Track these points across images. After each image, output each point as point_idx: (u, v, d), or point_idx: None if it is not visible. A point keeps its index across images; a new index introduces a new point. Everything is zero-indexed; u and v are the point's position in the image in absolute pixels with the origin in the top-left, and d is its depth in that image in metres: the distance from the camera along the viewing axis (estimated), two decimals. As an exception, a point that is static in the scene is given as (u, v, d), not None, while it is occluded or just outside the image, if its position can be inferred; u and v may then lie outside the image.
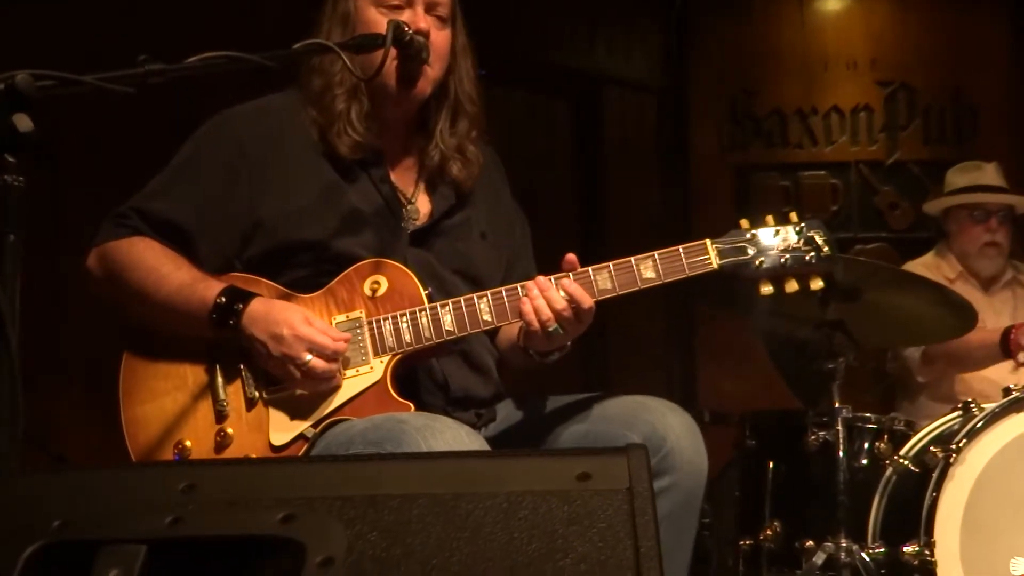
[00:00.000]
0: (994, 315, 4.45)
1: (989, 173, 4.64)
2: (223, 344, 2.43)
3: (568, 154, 6.21)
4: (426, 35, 2.47)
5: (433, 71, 2.54)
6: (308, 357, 2.34)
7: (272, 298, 2.44)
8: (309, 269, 2.49)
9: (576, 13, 5.98)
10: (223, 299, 2.38)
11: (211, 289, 2.40)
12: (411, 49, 2.42)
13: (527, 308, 2.36)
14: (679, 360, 6.10)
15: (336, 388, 2.39)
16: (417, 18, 2.50)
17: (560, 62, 6.03)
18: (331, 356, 2.36)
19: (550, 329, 2.35)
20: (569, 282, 2.38)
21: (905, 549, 3.21)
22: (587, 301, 2.36)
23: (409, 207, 2.60)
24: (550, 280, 2.39)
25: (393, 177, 2.60)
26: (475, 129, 2.65)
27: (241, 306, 2.38)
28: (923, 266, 4.54)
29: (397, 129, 2.62)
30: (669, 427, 2.34)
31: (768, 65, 6.26)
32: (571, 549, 1.36)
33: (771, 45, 6.28)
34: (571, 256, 2.41)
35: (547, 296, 2.36)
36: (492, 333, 2.67)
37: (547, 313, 2.35)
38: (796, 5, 6.26)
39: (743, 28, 6.29)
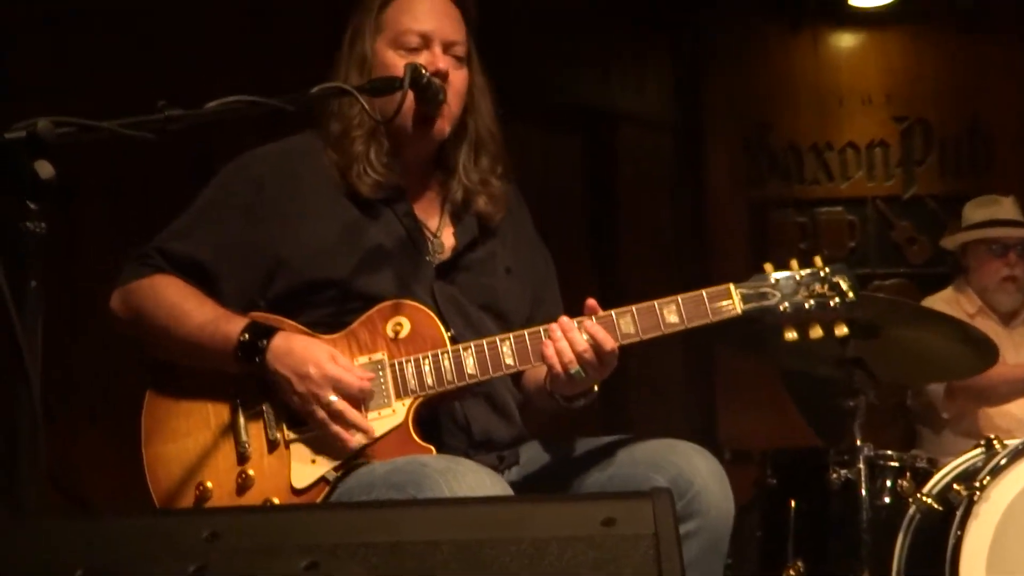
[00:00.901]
0: (1014, 350, 4.43)
1: (1007, 207, 4.63)
2: (246, 384, 2.44)
3: (582, 191, 6.20)
4: (444, 76, 2.48)
5: (452, 110, 2.55)
6: (333, 397, 2.34)
7: (295, 334, 2.44)
8: (333, 307, 2.49)
9: (589, 50, 6.00)
10: (246, 336, 2.40)
11: (234, 325, 2.41)
12: (429, 91, 2.43)
13: (549, 351, 2.35)
14: (698, 399, 6.07)
15: (358, 428, 2.38)
16: (435, 59, 2.51)
17: (574, 99, 6.04)
18: (356, 396, 2.36)
19: (572, 371, 2.34)
20: (592, 324, 2.37)
21: (930, 588, 3.18)
22: (609, 343, 2.35)
23: (434, 241, 2.61)
24: (573, 322, 2.38)
25: (417, 211, 2.61)
26: (499, 165, 2.66)
27: (265, 342, 2.39)
28: (942, 301, 4.52)
29: (418, 168, 2.63)
30: (696, 470, 2.33)
31: (783, 100, 6.26)
32: (598, 595, 1.35)
33: (785, 80, 6.28)
34: (592, 301, 2.40)
35: (569, 338, 2.35)
36: (516, 376, 2.65)
37: (569, 355, 2.34)
38: (810, 40, 6.26)
39: (757, 63, 6.30)
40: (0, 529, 1.51)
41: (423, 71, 2.39)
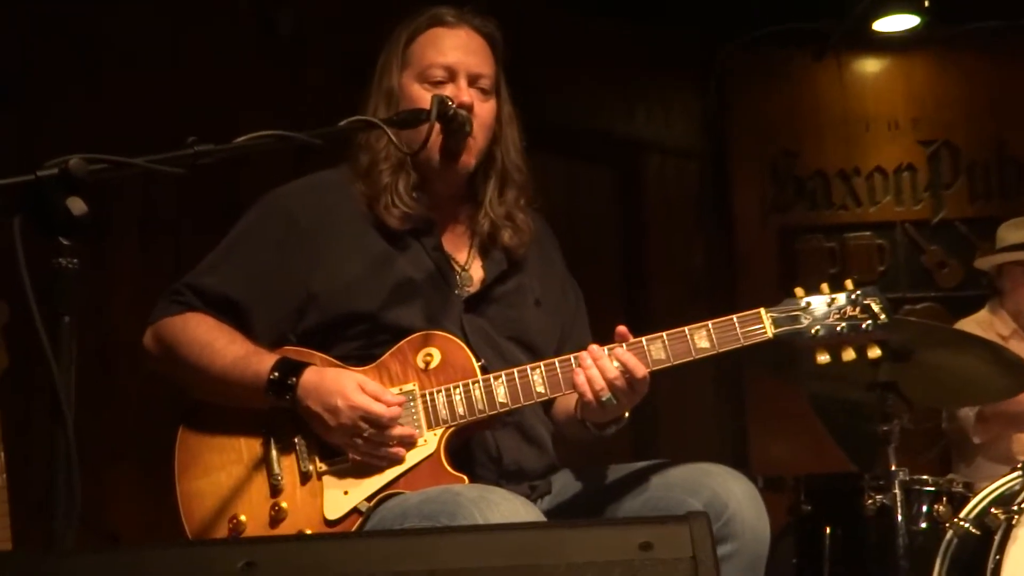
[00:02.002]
0: (1048, 372, 4.38)
1: (1042, 229, 4.60)
2: (277, 417, 2.44)
3: (610, 221, 6.21)
4: (469, 108, 2.50)
5: (478, 143, 2.56)
6: (365, 427, 2.34)
7: (324, 368, 2.44)
8: (363, 340, 2.49)
9: (615, 80, 6.02)
10: (276, 374, 2.40)
11: (264, 363, 2.42)
12: (455, 123, 2.44)
13: (580, 379, 2.35)
14: (730, 425, 6.04)
15: (395, 457, 2.38)
16: (460, 92, 2.52)
17: (600, 129, 6.06)
18: (387, 424, 2.36)
19: (603, 399, 2.34)
20: (622, 351, 2.36)
21: (969, 614, 3.14)
22: (640, 370, 2.35)
23: (463, 274, 2.61)
24: (603, 349, 2.38)
25: (445, 244, 2.61)
26: (523, 197, 2.66)
27: (295, 379, 2.39)
28: (976, 323, 4.49)
29: (446, 200, 2.64)
30: (731, 493, 2.31)
31: (809, 126, 6.27)
32: (635, 621, 1.34)
33: (811, 106, 6.29)
34: (622, 328, 2.40)
35: (600, 365, 2.34)
36: (547, 405, 2.66)
37: (600, 383, 2.34)
38: (835, 66, 6.27)
39: (782, 90, 6.31)
40: (37, 565, 1.52)
41: (449, 103, 2.40)
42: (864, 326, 2.41)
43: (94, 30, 4.48)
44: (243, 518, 2.40)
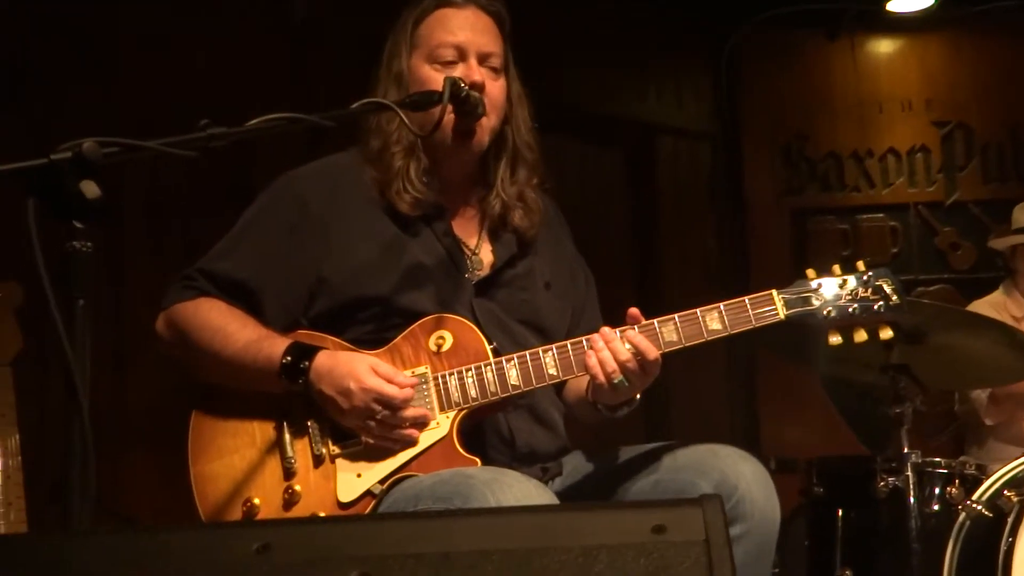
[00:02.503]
0: (1062, 354, 4.37)
1: (1058, 210, 4.59)
2: (290, 401, 2.45)
3: (622, 203, 6.20)
4: (481, 88, 2.50)
5: (490, 122, 2.56)
6: (379, 408, 2.35)
7: (337, 351, 2.45)
8: (374, 324, 2.50)
9: (627, 62, 6.00)
10: (289, 358, 2.41)
11: (277, 347, 2.42)
12: (468, 104, 2.44)
13: (592, 360, 2.35)
14: (741, 407, 6.04)
15: (409, 438, 2.39)
16: (471, 72, 2.52)
17: (612, 111, 6.04)
18: (399, 405, 2.37)
19: (615, 381, 2.34)
20: (634, 333, 2.37)
21: (982, 596, 3.14)
22: (652, 352, 2.35)
23: (473, 258, 2.62)
24: (615, 331, 2.38)
25: (455, 229, 2.62)
26: (535, 176, 2.67)
27: (307, 363, 2.40)
28: (989, 304, 4.48)
29: (457, 183, 2.64)
30: (740, 474, 2.32)
31: (822, 108, 6.25)
32: (649, 603, 1.35)
33: (824, 88, 6.27)
34: (634, 310, 2.40)
35: (612, 347, 2.35)
36: (559, 387, 2.66)
37: (612, 365, 2.34)
38: (848, 47, 6.24)
39: (795, 72, 6.29)
40: (55, 547, 1.53)
41: (462, 84, 2.40)
42: (876, 307, 2.42)
43: (100, 21, 4.47)
44: (257, 501, 2.41)
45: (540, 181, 2.69)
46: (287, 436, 2.45)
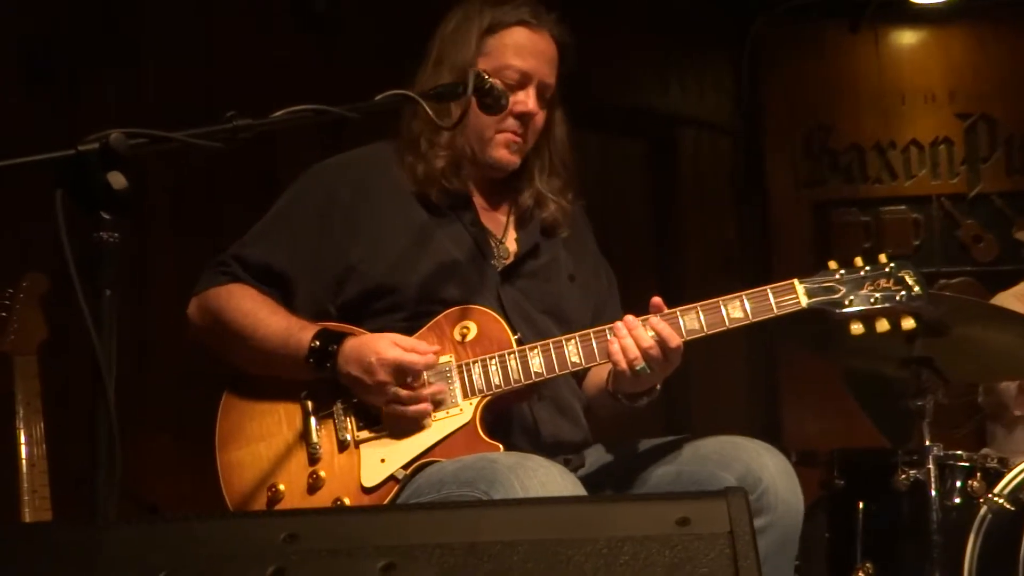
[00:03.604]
0: (1086, 346, 4.35)
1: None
2: (316, 387, 2.48)
3: (644, 194, 6.20)
4: (531, 116, 2.56)
5: (526, 145, 2.62)
6: (399, 380, 2.38)
7: (364, 334, 2.48)
8: (402, 313, 2.53)
9: (649, 54, 5.99)
10: (317, 342, 2.44)
11: (306, 332, 2.45)
12: (491, 96, 2.44)
13: (615, 347, 2.36)
14: (762, 400, 6.04)
15: (423, 412, 2.41)
16: (528, 100, 2.58)
17: (634, 103, 6.03)
18: (420, 371, 2.40)
19: (637, 368, 2.35)
20: (657, 320, 2.38)
21: (1003, 590, 3.14)
22: (675, 340, 2.36)
23: (500, 246, 2.65)
24: (638, 320, 2.38)
25: (483, 218, 2.65)
26: (569, 191, 2.72)
27: (335, 347, 2.42)
28: (1013, 297, 4.46)
29: (485, 175, 2.67)
30: (764, 467, 2.33)
31: (844, 99, 6.22)
32: (674, 595, 1.35)
33: (846, 79, 6.24)
34: (657, 299, 2.41)
35: (635, 335, 2.36)
36: (580, 379, 2.68)
37: (634, 352, 2.35)
38: (871, 38, 6.22)
39: (817, 63, 6.27)
40: (84, 535, 1.54)
41: (486, 76, 2.40)
42: (898, 297, 2.42)
43: (126, 12, 4.49)
44: (281, 487, 2.44)
45: (576, 196, 2.75)
46: (312, 422, 2.47)
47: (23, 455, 3.14)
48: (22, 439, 3.14)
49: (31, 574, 1.48)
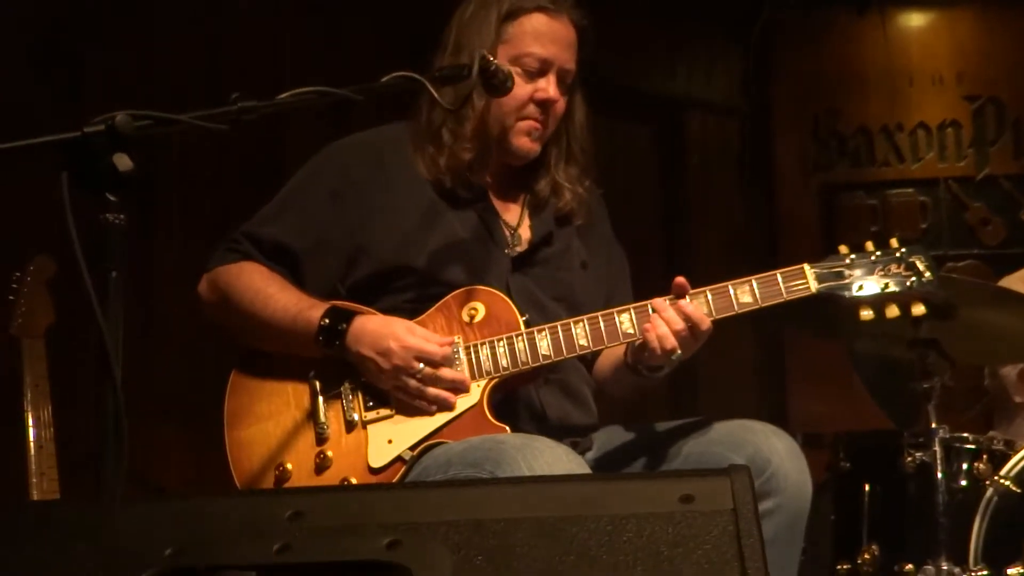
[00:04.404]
0: (1093, 330, 4.34)
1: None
2: (324, 367, 2.48)
3: (651, 179, 6.20)
4: (551, 103, 2.55)
5: (546, 131, 2.61)
6: (420, 366, 2.38)
7: (374, 315, 2.48)
8: (411, 294, 2.53)
9: (656, 37, 5.98)
10: (327, 320, 2.44)
11: (316, 310, 2.46)
12: (496, 78, 2.43)
13: (651, 335, 2.37)
14: (769, 383, 6.04)
15: (446, 401, 2.41)
16: (548, 87, 2.57)
17: (641, 87, 6.03)
18: (440, 363, 2.40)
19: (673, 356, 2.36)
20: (686, 304, 2.38)
21: (1009, 572, 3.14)
22: (705, 323, 2.37)
23: (513, 234, 2.65)
24: (666, 302, 2.40)
25: (496, 205, 2.65)
26: (587, 178, 2.71)
27: (345, 326, 2.43)
28: (1020, 280, 4.45)
29: (503, 162, 2.67)
30: (773, 449, 2.33)
31: (851, 83, 6.21)
32: (677, 572, 1.36)
33: (854, 62, 6.23)
34: (680, 279, 2.41)
35: (665, 317, 2.37)
36: (589, 364, 2.69)
37: (672, 341, 2.36)
38: (878, 21, 6.20)
39: (825, 46, 6.25)
40: (92, 514, 1.55)
41: (490, 58, 2.39)
42: (909, 283, 2.42)
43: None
44: (289, 466, 2.45)
45: (593, 183, 2.74)
46: (320, 402, 2.48)
47: (31, 438, 3.15)
48: (30, 422, 3.15)
49: (38, 552, 1.49)
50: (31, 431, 3.15)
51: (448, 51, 2.63)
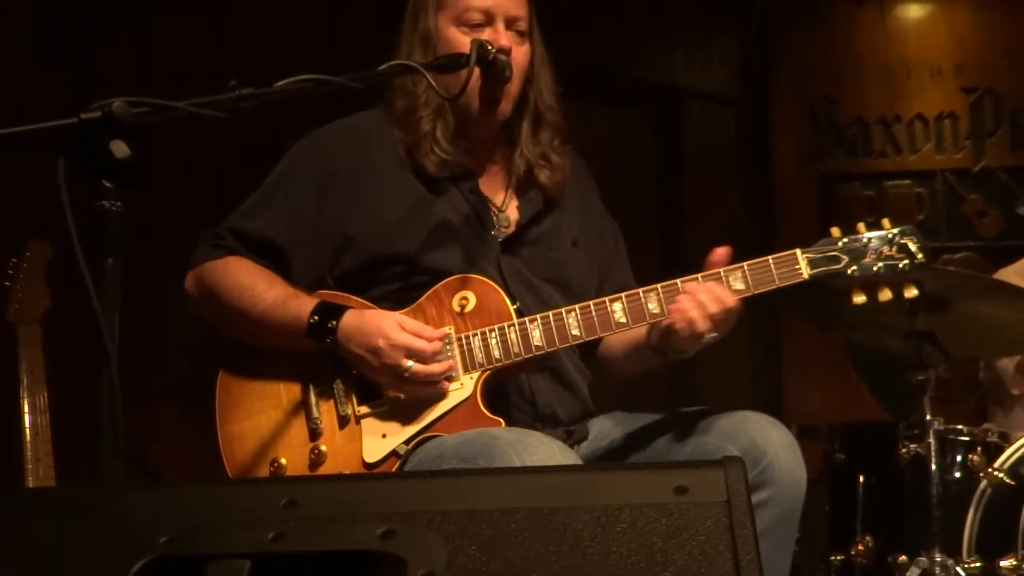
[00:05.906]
0: (1089, 322, 4.35)
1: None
2: (316, 362, 2.47)
3: (649, 167, 6.19)
4: (508, 52, 2.48)
5: (514, 87, 2.56)
6: (409, 363, 2.37)
7: (363, 310, 2.46)
8: (400, 282, 2.52)
9: (654, 26, 5.97)
10: (316, 317, 2.43)
11: (304, 306, 2.44)
12: (495, 68, 2.43)
13: (679, 321, 2.36)
14: (765, 374, 6.04)
15: (440, 392, 2.41)
16: (499, 36, 2.51)
17: (639, 75, 6.02)
18: (430, 358, 2.39)
19: (706, 340, 2.37)
20: (712, 285, 2.38)
21: (1002, 563, 3.16)
22: (730, 299, 2.36)
23: (499, 215, 2.63)
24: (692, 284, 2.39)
25: (482, 187, 2.63)
26: (557, 138, 2.66)
27: (335, 323, 2.41)
28: (1016, 272, 4.45)
29: (483, 142, 2.65)
30: (768, 440, 2.33)
31: (850, 73, 6.20)
32: (670, 562, 1.36)
33: (852, 52, 6.22)
34: (721, 250, 2.42)
35: (699, 300, 2.36)
36: (583, 351, 2.68)
37: (706, 323, 2.36)
38: (877, 11, 6.19)
39: (823, 36, 6.24)
40: (87, 500, 1.55)
41: (489, 47, 2.39)
42: (901, 266, 2.40)
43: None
44: (283, 461, 2.44)
45: (564, 142, 2.68)
46: (313, 397, 2.47)
47: (27, 424, 3.15)
48: (26, 408, 3.15)
49: (34, 538, 1.49)
50: (27, 417, 3.15)
51: (406, 29, 2.61)
